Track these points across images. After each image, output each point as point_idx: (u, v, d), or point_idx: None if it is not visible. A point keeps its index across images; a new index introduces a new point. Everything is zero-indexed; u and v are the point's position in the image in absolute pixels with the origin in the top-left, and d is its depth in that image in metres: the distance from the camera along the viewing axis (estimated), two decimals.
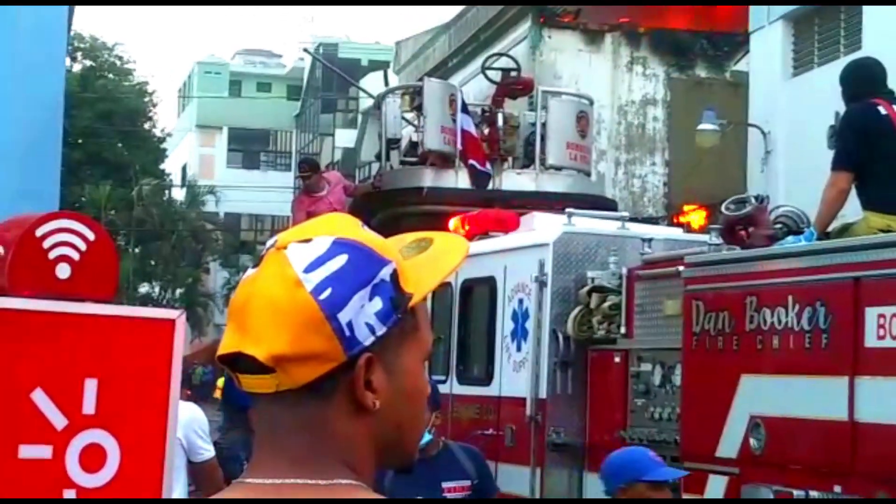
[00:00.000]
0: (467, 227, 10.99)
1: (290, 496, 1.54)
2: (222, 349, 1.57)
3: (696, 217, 11.77)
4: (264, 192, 47.13)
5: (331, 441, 1.58)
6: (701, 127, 18.38)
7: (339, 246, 1.59)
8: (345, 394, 1.57)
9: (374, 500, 1.58)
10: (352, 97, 46.22)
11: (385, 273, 1.60)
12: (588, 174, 14.64)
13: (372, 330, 1.57)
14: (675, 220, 12.60)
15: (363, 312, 1.56)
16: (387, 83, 23.33)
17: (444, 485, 5.77)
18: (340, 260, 1.57)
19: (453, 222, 11.25)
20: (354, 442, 1.59)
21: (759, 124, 18.30)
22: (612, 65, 24.80)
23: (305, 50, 39.34)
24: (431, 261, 1.69)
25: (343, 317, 1.55)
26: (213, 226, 48.48)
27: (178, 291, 46.05)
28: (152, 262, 44.71)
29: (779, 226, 8.23)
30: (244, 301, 1.56)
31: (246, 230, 53.47)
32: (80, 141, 42.35)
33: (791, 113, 17.60)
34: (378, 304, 1.58)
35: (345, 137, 45.54)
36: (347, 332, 1.55)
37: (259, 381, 1.55)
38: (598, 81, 23.53)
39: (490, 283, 10.04)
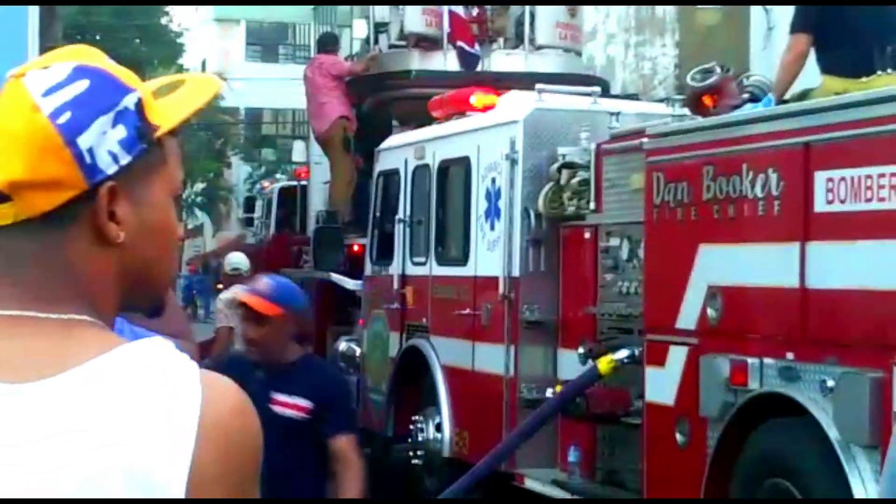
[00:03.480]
0: (447, 107, 10.89)
1: (24, 328, 1.50)
2: None
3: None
4: (284, 85, 46.93)
5: (70, 274, 1.53)
6: (701, 6, 18.11)
7: (81, 72, 1.53)
8: (87, 224, 1.53)
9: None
10: None
11: (129, 101, 1.55)
12: (579, 53, 14.44)
13: (115, 158, 1.52)
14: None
15: (106, 140, 1.51)
16: None
17: (275, 395, 5.29)
18: (81, 85, 1.52)
19: (433, 102, 11.16)
20: (95, 276, 1.55)
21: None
22: None
23: None
24: (182, 97, 1.64)
25: (83, 142, 1.50)
26: (234, 120, 48.42)
27: (200, 186, 46.16)
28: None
29: (746, 95, 8.12)
30: None
31: (268, 123, 53.39)
32: (98, 37, 42.27)
33: None
34: (122, 131, 1.53)
35: (363, 28, 45.15)
36: (88, 159, 1.50)
37: None
38: None
39: (465, 163, 9.98)
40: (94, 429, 1.43)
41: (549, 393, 8.61)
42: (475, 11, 13.71)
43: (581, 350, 8.41)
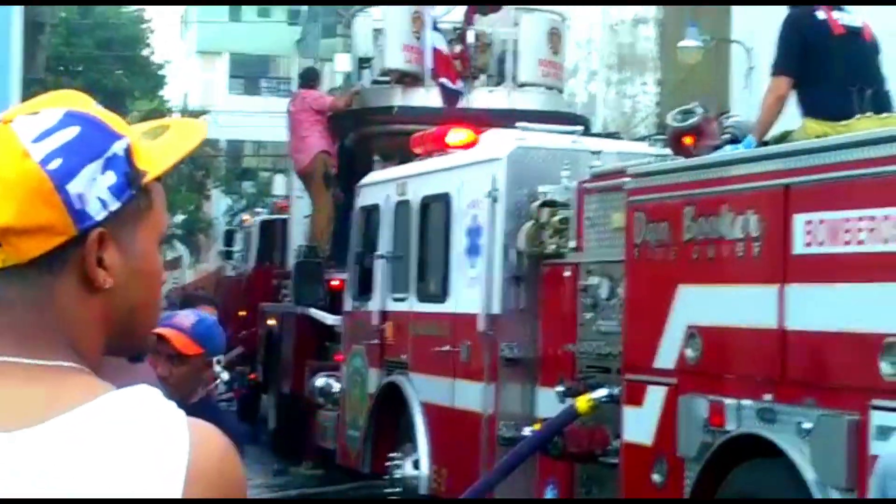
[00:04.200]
0: (428, 145, 10.92)
1: (10, 375, 1.50)
2: None
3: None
4: (266, 117, 46.96)
5: (58, 319, 1.54)
6: (683, 43, 18.21)
7: (71, 118, 1.54)
8: (75, 271, 1.53)
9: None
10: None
11: (119, 147, 1.56)
12: (560, 91, 14.52)
13: (104, 205, 1.53)
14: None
15: (95, 186, 1.52)
16: None
17: None
18: (72, 132, 1.53)
19: (414, 139, 11.19)
20: (82, 322, 1.56)
21: (742, 40, 18.13)
22: None
23: None
24: (168, 143, 1.65)
25: (73, 188, 1.50)
26: (214, 152, 48.41)
27: (180, 218, 46.10)
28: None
29: (726, 136, 8.15)
30: None
31: (249, 156, 53.37)
32: (80, 68, 42.27)
33: (774, 29, 17.36)
34: (111, 177, 1.54)
35: (346, 62, 45.23)
36: (78, 205, 1.51)
37: None
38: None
39: (446, 199, 10.00)
40: (82, 475, 1.43)
41: (527, 431, 8.59)
42: (458, 48, 13.76)
43: (560, 388, 8.41)
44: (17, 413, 1.47)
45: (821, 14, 7.54)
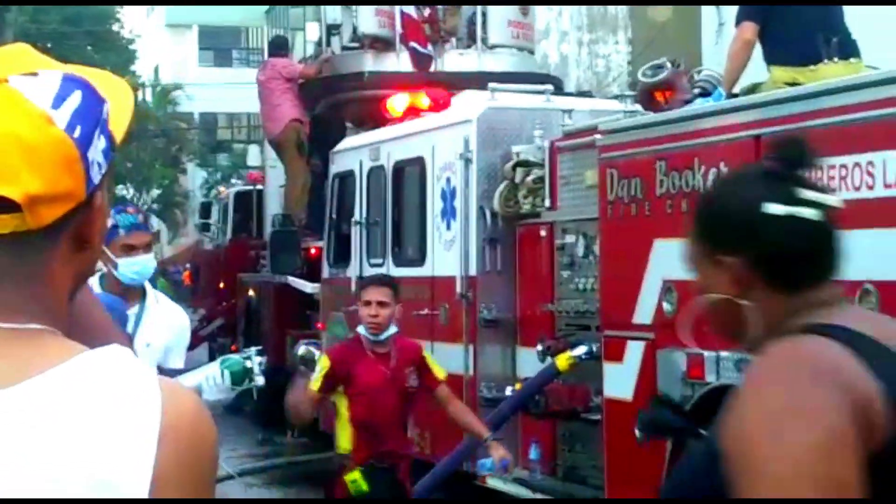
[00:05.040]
0: (400, 109, 10.91)
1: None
2: None
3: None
4: (238, 89, 46.76)
5: (45, 285, 1.55)
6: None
7: (69, 81, 1.55)
8: (70, 234, 1.55)
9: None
10: None
11: (106, 111, 1.58)
12: (532, 52, 14.48)
13: (100, 168, 1.56)
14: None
15: (96, 150, 1.55)
16: None
17: None
18: (77, 97, 1.53)
19: (388, 103, 11.17)
20: (64, 283, 1.58)
21: None
22: None
23: None
24: (115, 104, 1.64)
25: (90, 155, 1.53)
26: (187, 125, 48.25)
27: (155, 193, 45.95)
28: (128, 164, 44.47)
29: (697, 90, 8.16)
30: None
31: (223, 128, 53.17)
32: (49, 45, 42.01)
33: None
34: (104, 142, 1.56)
35: (316, 31, 45.04)
36: (90, 171, 1.53)
37: None
38: None
39: (419, 163, 9.99)
40: (56, 434, 1.44)
41: (508, 391, 8.63)
42: (427, 12, 13.71)
43: (539, 347, 8.43)
44: None
45: None
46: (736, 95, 7.46)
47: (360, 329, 6.63)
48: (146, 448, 1.45)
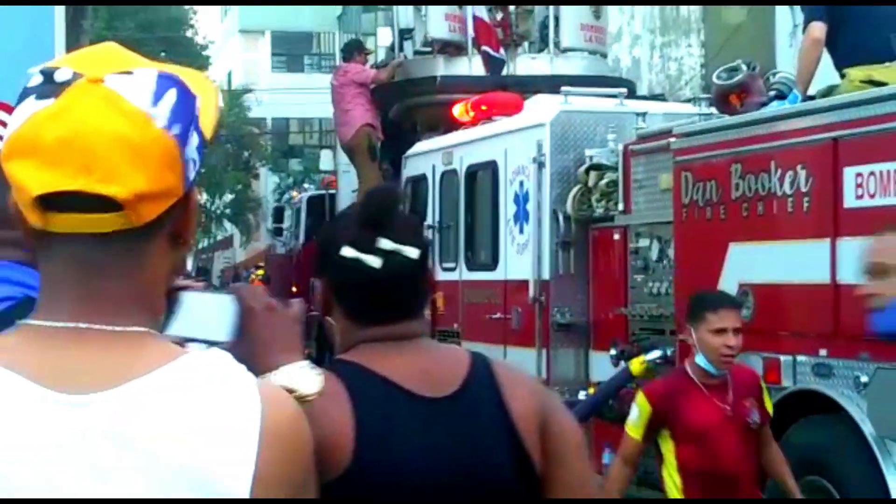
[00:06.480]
0: (472, 113, 10.91)
1: (91, 340, 1.51)
2: (43, 188, 1.48)
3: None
4: (310, 94, 46.99)
5: (146, 284, 1.56)
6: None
7: (165, 79, 1.55)
8: (167, 231, 1.57)
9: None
10: None
11: (197, 107, 1.58)
12: (604, 55, 14.43)
13: (195, 164, 1.57)
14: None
15: (192, 148, 1.56)
16: None
17: None
18: (172, 94, 1.54)
19: (458, 108, 11.17)
20: (162, 279, 1.60)
21: None
22: None
23: None
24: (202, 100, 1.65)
25: (188, 153, 1.54)
26: (260, 131, 48.54)
27: (228, 198, 46.27)
28: (201, 169, 44.79)
29: (773, 92, 8.09)
30: (71, 137, 1.48)
31: (295, 133, 53.45)
32: None
33: None
34: (196, 139, 1.57)
35: (388, 36, 45.15)
36: (187, 168, 1.55)
37: (98, 219, 1.50)
38: None
39: (492, 167, 9.99)
40: (159, 435, 1.45)
41: (581, 395, 8.60)
42: (499, 16, 13.71)
43: (613, 351, 8.40)
44: (96, 377, 1.49)
45: None
46: (812, 98, 7.39)
47: (700, 360, 5.41)
48: (247, 450, 1.47)
